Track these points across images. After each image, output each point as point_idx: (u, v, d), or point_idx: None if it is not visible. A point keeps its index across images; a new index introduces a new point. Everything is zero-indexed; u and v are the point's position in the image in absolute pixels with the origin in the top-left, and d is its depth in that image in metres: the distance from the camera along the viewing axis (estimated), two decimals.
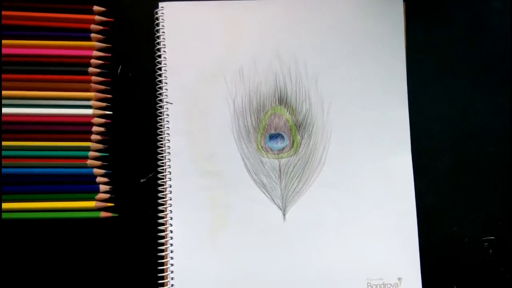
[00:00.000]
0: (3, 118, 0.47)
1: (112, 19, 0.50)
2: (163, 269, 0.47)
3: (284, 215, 0.48)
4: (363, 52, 0.49)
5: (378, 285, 0.47)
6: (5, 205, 0.46)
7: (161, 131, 0.48)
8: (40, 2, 0.48)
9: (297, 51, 0.49)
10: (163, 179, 0.48)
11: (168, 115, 0.48)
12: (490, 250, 0.49)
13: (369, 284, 0.47)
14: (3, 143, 0.47)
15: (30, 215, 0.47)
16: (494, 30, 0.51)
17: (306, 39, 0.49)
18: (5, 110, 0.47)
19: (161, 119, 0.48)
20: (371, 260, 0.47)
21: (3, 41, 0.48)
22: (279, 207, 0.48)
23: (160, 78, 0.49)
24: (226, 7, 0.50)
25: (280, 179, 0.48)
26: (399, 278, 0.47)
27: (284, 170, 0.48)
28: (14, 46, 0.48)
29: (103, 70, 0.49)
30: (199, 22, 0.49)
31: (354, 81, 0.49)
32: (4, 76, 0.47)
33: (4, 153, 0.47)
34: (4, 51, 0.47)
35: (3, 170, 0.46)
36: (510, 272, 0.49)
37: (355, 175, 0.48)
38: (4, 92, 0.47)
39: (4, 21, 0.48)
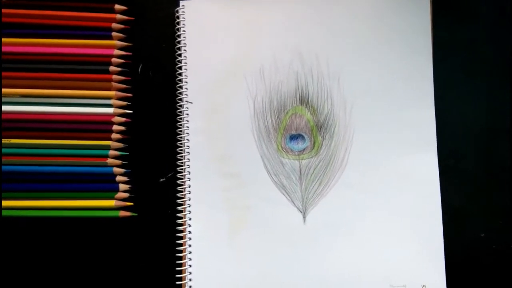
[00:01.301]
0: (25, 116, 0.47)
1: (133, 18, 0.49)
2: (181, 270, 0.46)
3: (304, 217, 0.47)
4: (387, 50, 0.48)
5: None
6: (25, 203, 0.47)
7: (181, 131, 0.48)
8: (62, 1, 0.49)
9: (318, 49, 0.48)
10: (182, 179, 0.47)
11: (188, 114, 0.48)
12: None
13: None
14: (25, 141, 0.47)
15: (50, 213, 0.47)
16: None
17: (328, 37, 0.48)
18: (26, 108, 0.48)
19: (180, 118, 0.48)
20: (394, 265, 0.46)
21: (24, 40, 0.48)
22: (299, 210, 0.47)
23: (180, 77, 0.48)
24: (246, 5, 0.49)
25: (301, 181, 0.47)
26: (423, 286, 0.46)
27: (304, 172, 0.47)
28: (36, 45, 0.48)
29: (124, 69, 0.49)
30: (219, 21, 0.49)
31: (378, 80, 0.48)
32: (25, 74, 0.48)
33: (25, 151, 0.47)
34: (26, 49, 0.48)
35: (24, 168, 0.47)
36: None
37: (378, 177, 0.47)
38: (25, 91, 0.48)
39: (27, 20, 0.48)
